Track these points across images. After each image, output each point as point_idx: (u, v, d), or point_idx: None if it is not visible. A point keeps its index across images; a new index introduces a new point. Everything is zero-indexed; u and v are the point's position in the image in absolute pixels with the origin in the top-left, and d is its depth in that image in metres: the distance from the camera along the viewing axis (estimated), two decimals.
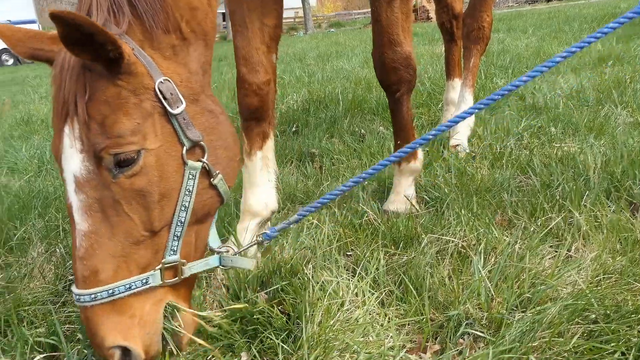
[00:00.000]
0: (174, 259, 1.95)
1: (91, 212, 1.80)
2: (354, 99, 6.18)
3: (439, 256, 2.65)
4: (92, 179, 1.80)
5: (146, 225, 1.86)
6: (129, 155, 1.77)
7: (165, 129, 1.87)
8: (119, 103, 1.78)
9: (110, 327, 1.81)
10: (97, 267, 1.80)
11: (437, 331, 2.26)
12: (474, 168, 3.70)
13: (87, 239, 1.80)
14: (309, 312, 2.22)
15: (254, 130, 3.06)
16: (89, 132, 1.76)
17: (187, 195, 1.92)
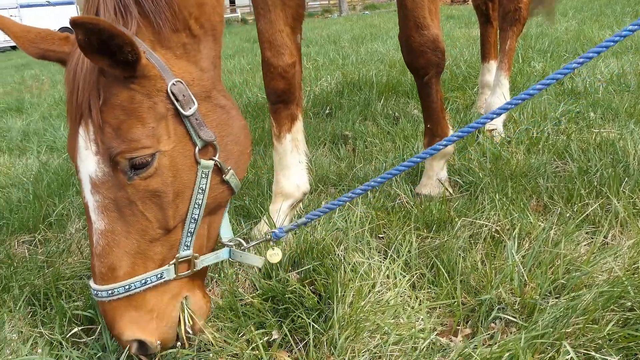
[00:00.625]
0: (187, 254, 2.00)
1: (107, 211, 1.84)
2: (388, 81, 6.13)
3: (471, 240, 2.63)
4: (107, 180, 1.83)
5: (161, 223, 1.90)
6: (144, 159, 1.80)
7: (178, 130, 1.88)
8: (133, 107, 1.79)
9: (128, 321, 1.88)
10: (114, 264, 1.85)
11: (468, 315, 2.25)
12: (509, 153, 3.65)
13: (104, 237, 1.85)
14: (340, 293, 2.23)
15: (282, 113, 3.06)
16: (104, 135, 1.79)
17: (200, 194, 1.95)
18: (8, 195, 4.13)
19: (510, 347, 1.89)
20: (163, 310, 1.96)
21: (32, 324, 2.44)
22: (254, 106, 6.12)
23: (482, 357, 1.88)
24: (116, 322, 1.88)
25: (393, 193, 3.21)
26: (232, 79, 8.31)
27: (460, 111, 4.94)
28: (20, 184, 4.44)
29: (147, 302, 1.92)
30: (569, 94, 5.05)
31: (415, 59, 3.02)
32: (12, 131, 6.84)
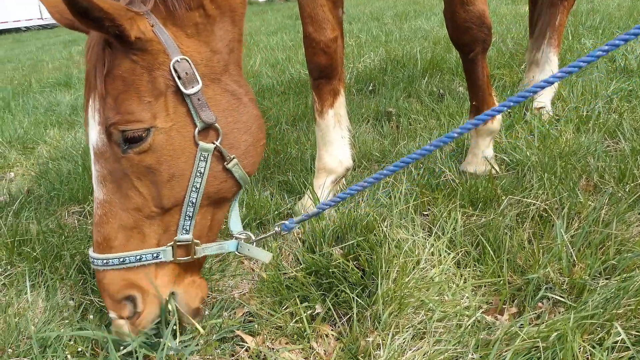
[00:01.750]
0: (186, 238, 1.98)
1: (105, 182, 1.88)
2: (433, 58, 6.03)
3: (518, 219, 2.58)
4: (105, 151, 1.86)
5: (156, 201, 1.89)
6: (137, 132, 1.80)
7: (179, 108, 1.86)
8: (133, 79, 1.79)
9: (120, 283, 1.91)
10: (110, 235, 1.88)
11: (514, 294, 2.22)
12: (557, 131, 3.56)
13: (102, 207, 1.88)
14: (384, 269, 2.23)
15: (325, 88, 3.04)
16: (105, 106, 1.81)
17: (199, 177, 1.92)
18: (59, 168, 4.24)
19: (558, 327, 1.86)
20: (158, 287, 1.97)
21: (83, 292, 2.51)
22: (297, 82, 6.11)
23: (529, 336, 1.86)
24: (109, 284, 1.90)
25: (438, 170, 3.17)
26: (275, 55, 8.30)
27: (507, 88, 4.84)
28: (69, 156, 4.54)
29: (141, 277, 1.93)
30: (622, 72, 4.88)
31: (461, 35, 2.95)
32: (61, 105, 7.00)
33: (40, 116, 6.55)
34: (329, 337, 2.15)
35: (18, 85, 9.32)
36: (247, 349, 2.13)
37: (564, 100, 4.24)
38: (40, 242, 2.90)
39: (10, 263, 2.80)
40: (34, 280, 2.62)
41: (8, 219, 3.27)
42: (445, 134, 3.62)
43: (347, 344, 2.07)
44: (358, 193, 3.03)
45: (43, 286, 2.55)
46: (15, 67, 12.68)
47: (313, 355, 2.06)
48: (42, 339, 2.17)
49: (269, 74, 6.92)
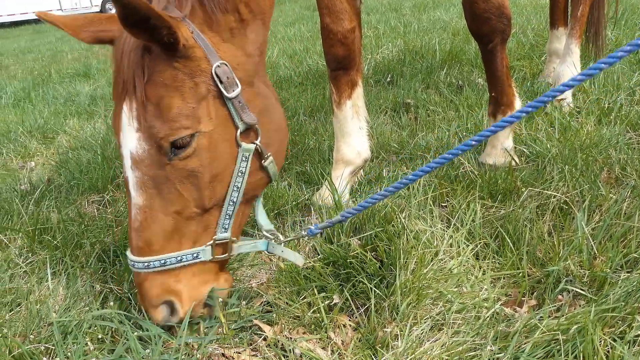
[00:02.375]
0: (225, 236, 2.03)
1: (145, 188, 1.88)
2: (452, 49, 5.98)
3: (539, 211, 2.56)
4: (146, 158, 1.86)
5: (197, 203, 1.92)
6: (185, 140, 1.83)
7: (220, 112, 1.89)
8: (176, 86, 1.80)
9: (159, 287, 1.96)
10: (151, 240, 1.91)
11: (534, 286, 2.20)
12: (579, 123, 3.52)
13: (142, 212, 1.89)
14: (402, 260, 2.22)
15: (342, 79, 3.03)
16: (146, 113, 1.81)
17: (240, 177, 1.97)
18: (78, 157, 4.27)
19: (578, 319, 1.84)
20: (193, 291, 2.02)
21: (103, 280, 2.53)
22: (315, 73, 6.09)
23: (548, 329, 1.85)
24: (148, 289, 1.95)
25: (457, 161, 3.15)
26: (292, 46, 8.29)
27: (527, 80, 4.79)
28: (89, 146, 4.58)
29: (179, 280, 1.98)
30: None
31: (480, 26, 2.92)
32: (81, 96, 7.06)
33: (60, 106, 6.61)
34: (346, 328, 2.15)
35: (38, 76, 9.41)
36: (265, 338, 2.13)
37: (585, 92, 4.19)
38: (61, 230, 2.93)
39: (31, 251, 2.83)
40: (55, 268, 2.65)
41: (29, 207, 3.31)
42: (464, 125, 3.61)
43: (365, 335, 2.07)
44: (376, 185, 3.03)
45: (64, 274, 2.58)
46: (36, 57, 12.80)
47: (331, 345, 2.07)
48: (63, 326, 2.20)
49: (287, 64, 6.91)
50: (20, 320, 2.30)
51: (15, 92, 7.87)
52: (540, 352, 1.81)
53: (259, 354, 2.08)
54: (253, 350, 2.10)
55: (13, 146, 5.04)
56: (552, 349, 1.81)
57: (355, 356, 1.98)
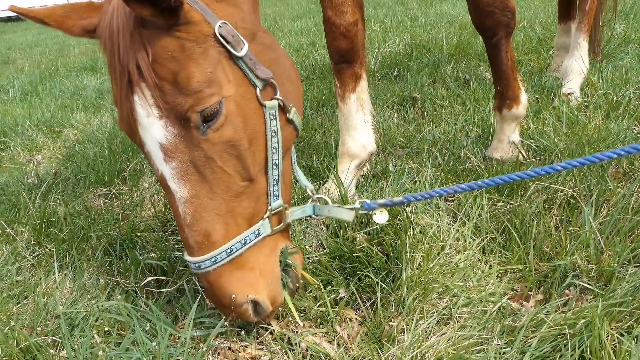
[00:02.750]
0: (278, 204, 1.94)
1: (187, 176, 1.76)
2: (459, 44, 5.95)
3: (546, 205, 2.54)
4: (180, 142, 1.73)
5: (242, 174, 1.82)
6: (213, 107, 1.71)
7: (236, 73, 1.79)
8: (187, 56, 1.68)
9: (237, 284, 1.83)
10: (208, 230, 1.78)
11: (540, 281, 2.20)
12: (587, 117, 3.50)
13: (190, 204, 1.77)
14: (409, 254, 2.22)
15: (346, 72, 3.01)
16: (164, 94, 1.67)
17: (274, 137, 1.87)
18: (85, 151, 4.28)
19: (585, 314, 1.84)
20: (264, 267, 1.91)
21: (109, 273, 2.54)
22: (321, 67, 6.08)
23: (555, 323, 1.84)
24: (225, 288, 1.82)
25: (463, 156, 3.13)
26: (299, 40, 8.27)
27: (534, 74, 4.76)
28: (95, 140, 4.59)
29: (248, 262, 1.86)
30: None
31: (483, 19, 2.89)
32: (88, 89, 7.07)
33: (67, 100, 6.62)
34: (352, 321, 2.15)
35: (45, 70, 9.43)
36: (272, 331, 2.14)
37: (593, 86, 4.16)
38: (68, 223, 2.94)
39: (38, 244, 2.84)
40: (62, 261, 2.66)
41: (36, 200, 3.32)
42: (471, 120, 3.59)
43: (371, 328, 2.07)
44: (383, 179, 3.02)
45: (70, 267, 2.60)
46: (43, 51, 12.82)
47: (337, 339, 2.07)
48: (70, 319, 2.21)
49: (293, 58, 6.89)
50: (28, 313, 2.32)
51: (22, 85, 7.89)
52: (546, 346, 1.80)
53: (265, 348, 2.08)
54: (259, 344, 2.11)
55: (20, 140, 5.06)
56: (559, 344, 1.80)
57: (361, 350, 1.98)
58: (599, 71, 4.39)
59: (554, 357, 1.78)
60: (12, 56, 12.68)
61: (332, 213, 2.15)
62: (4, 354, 2.05)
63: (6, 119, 5.81)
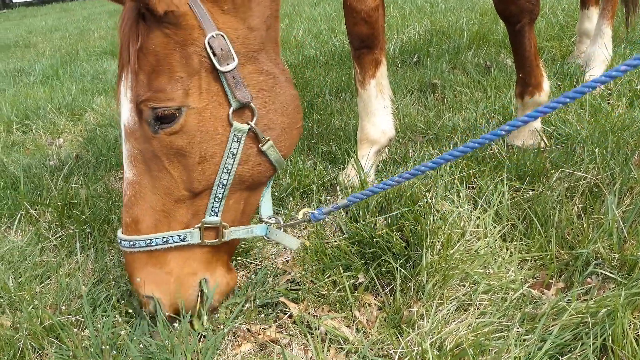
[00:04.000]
0: (214, 220, 1.91)
1: (135, 162, 1.83)
2: (480, 30, 5.89)
3: (568, 193, 2.52)
4: (136, 130, 1.81)
5: (186, 185, 1.84)
6: (168, 111, 1.74)
7: (212, 87, 1.78)
8: (165, 54, 1.72)
9: (146, 277, 1.89)
10: (138, 216, 1.84)
11: (562, 269, 2.18)
12: (610, 105, 3.45)
13: (131, 187, 1.85)
14: (429, 240, 2.21)
15: (366, 58, 2.99)
16: (137, 82, 1.75)
17: (231, 158, 1.84)
18: (105, 134, 4.32)
19: (608, 303, 1.82)
20: (182, 277, 1.93)
21: None
22: (340, 53, 6.05)
23: (577, 312, 1.83)
24: (135, 275, 1.90)
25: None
26: (317, 26, 8.24)
27: (556, 61, 4.70)
28: (116, 123, 4.62)
29: (167, 263, 1.90)
30: None
31: (507, 6, 2.85)
32: (108, 73, 7.11)
33: (88, 84, 6.67)
34: (371, 307, 2.15)
35: (66, 54, 9.51)
36: (291, 315, 2.15)
37: None
38: (89, 205, 2.97)
39: (60, 225, 2.88)
40: (84, 242, 2.69)
41: (58, 182, 3.35)
42: (491, 106, 3.56)
43: (390, 314, 2.07)
44: (402, 165, 3.01)
45: (92, 248, 2.62)
46: (63, 35, 12.90)
47: (355, 324, 2.07)
48: (92, 299, 2.23)
49: (312, 44, 6.87)
50: (51, 292, 2.35)
51: (43, 69, 7.96)
52: (568, 334, 1.79)
53: (284, 331, 2.09)
54: (278, 327, 2.12)
55: (42, 123, 5.11)
56: (580, 332, 1.79)
57: (380, 335, 1.98)
58: (623, 58, 4.32)
59: (575, 345, 1.76)
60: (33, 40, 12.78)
61: (279, 238, 2.13)
62: (28, 332, 2.08)
63: (28, 102, 5.87)
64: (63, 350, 2.03)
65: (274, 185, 3.03)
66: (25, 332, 2.08)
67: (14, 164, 3.95)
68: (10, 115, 5.39)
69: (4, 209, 3.11)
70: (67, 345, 2.03)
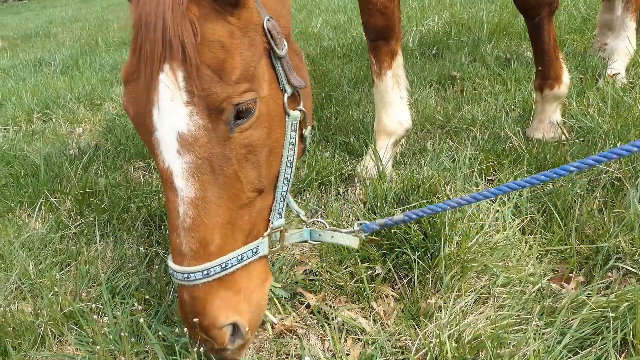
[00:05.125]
0: (281, 223, 1.75)
1: (199, 174, 1.53)
2: (500, 22, 5.83)
3: (589, 187, 2.49)
4: (202, 136, 1.51)
5: (254, 184, 1.63)
6: (248, 105, 1.54)
7: (270, 73, 1.65)
8: (234, 44, 1.52)
9: (223, 304, 1.59)
10: (207, 239, 1.55)
11: (582, 263, 2.16)
12: (632, 98, 3.40)
13: (194, 207, 1.54)
14: (447, 232, 2.20)
15: (382, 49, 2.97)
16: (201, 80, 1.48)
17: (291, 149, 1.71)
18: (125, 124, 4.34)
19: (629, 297, 1.80)
20: (252, 294, 1.68)
21: (149, 243, 2.58)
22: (358, 45, 6.02)
23: (597, 306, 1.81)
24: (208, 306, 1.57)
25: (503, 135, 3.09)
26: (335, 17, 8.20)
27: (577, 55, 4.64)
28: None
29: (237, 282, 1.63)
30: None
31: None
32: None
33: (107, 74, 6.71)
34: (388, 298, 2.15)
35: (85, 44, 9.56)
36: (308, 305, 2.15)
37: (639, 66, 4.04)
38: (108, 194, 2.99)
39: (80, 213, 2.91)
40: (103, 230, 2.71)
41: (78, 171, 3.38)
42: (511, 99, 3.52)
43: (408, 305, 2.07)
44: (421, 155, 3.00)
45: (111, 236, 2.65)
46: (83, 26, 12.98)
47: (373, 315, 2.07)
48: (111, 286, 2.26)
49: (330, 35, 6.85)
50: (70, 279, 2.38)
51: (63, 59, 8.01)
52: (587, 328, 1.78)
53: (302, 322, 2.10)
54: (295, 318, 2.12)
55: (62, 112, 5.15)
56: (601, 326, 1.77)
57: (397, 326, 1.98)
58: None
59: (595, 339, 1.75)
60: (54, 30, 12.88)
61: (335, 239, 1.95)
62: (48, 318, 2.10)
63: (48, 91, 5.92)
64: (82, 337, 2.06)
65: None
66: (46, 319, 2.11)
67: (35, 152, 3.99)
68: (31, 105, 5.43)
69: (24, 196, 3.15)
70: (86, 332, 2.06)
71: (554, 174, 1.67)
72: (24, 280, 2.39)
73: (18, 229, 2.84)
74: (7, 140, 4.56)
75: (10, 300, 2.30)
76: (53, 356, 2.01)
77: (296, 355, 1.96)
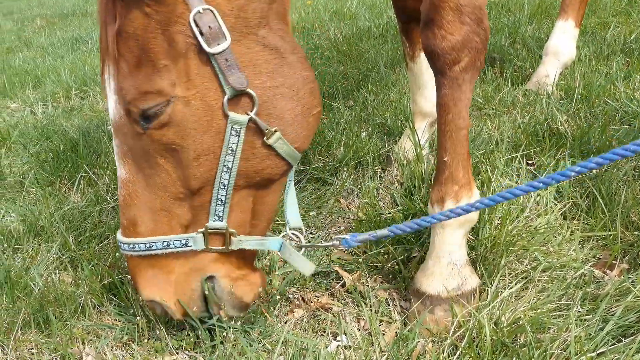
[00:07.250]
0: (219, 226, 1.68)
1: (126, 159, 1.64)
2: (541, 3, 5.69)
3: (635, 172, 2.42)
4: (123, 125, 1.60)
5: (183, 182, 1.62)
6: (155, 108, 1.52)
7: (202, 71, 1.52)
8: (146, 38, 1.47)
9: (148, 282, 1.72)
10: (136, 219, 1.66)
11: (626, 249, 2.11)
12: None
13: (125, 187, 1.66)
14: (486, 215, 2.16)
15: (415, 31, 2.91)
16: (118, 72, 1.52)
17: (230, 155, 1.59)
18: None
19: None
20: (183, 279, 1.74)
21: None
22: (394, 26, 5.94)
23: None
24: (137, 278, 1.73)
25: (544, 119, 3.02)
26: None
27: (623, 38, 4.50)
28: None
29: (168, 265, 1.72)
30: None
31: None
32: None
33: None
34: None
35: None
36: (344, 284, 2.15)
37: None
38: None
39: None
40: None
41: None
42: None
43: None
44: None
45: None
46: None
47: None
48: None
49: (366, 16, 6.77)
50: (109, 252, 2.41)
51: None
52: (632, 316, 1.74)
53: (337, 300, 2.09)
54: (331, 296, 2.12)
55: (99, 89, 5.20)
56: None
57: None
58: None
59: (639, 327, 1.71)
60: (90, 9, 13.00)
61: (292, 259, 1.81)
62: (88, 288, 2.14)
63: (86, 69, 5.98)
64: (121, 308, 2.09)
65: (328, 155, 3.02)
66: (86, 289, 2.14)
67: (73, 128, 4.04)
68: (69, 81, 5.50)
69: (64, 170, 3.19)
70: (125, 303, 2.08)
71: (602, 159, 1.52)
72: (64, 251, 2.43)
73: (58, 202, 2.88)
74: (46, 116, 4.63)
75: (52, 271, 2.34)
76: (93, 325, 2.05)
77: (332, 333, 1.96)
